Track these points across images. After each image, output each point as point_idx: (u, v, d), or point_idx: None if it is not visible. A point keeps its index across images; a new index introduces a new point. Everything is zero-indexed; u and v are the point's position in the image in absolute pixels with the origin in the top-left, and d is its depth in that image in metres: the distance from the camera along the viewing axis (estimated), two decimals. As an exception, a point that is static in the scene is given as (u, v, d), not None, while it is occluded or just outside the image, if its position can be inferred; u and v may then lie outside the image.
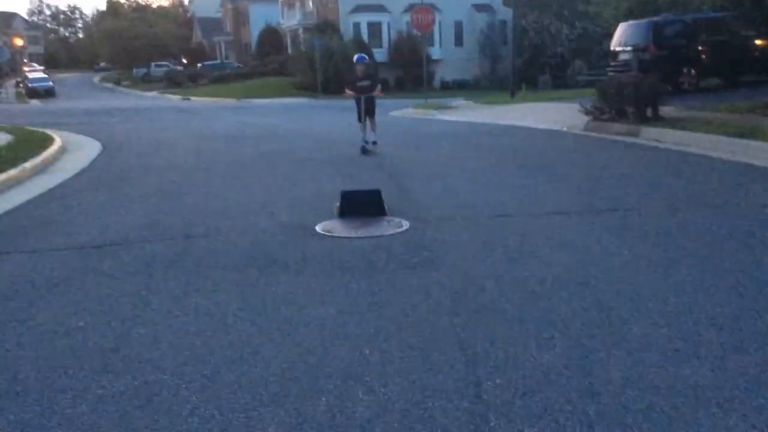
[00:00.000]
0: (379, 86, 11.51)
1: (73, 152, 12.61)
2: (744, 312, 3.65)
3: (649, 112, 12.53)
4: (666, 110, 12.79)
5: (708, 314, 3.63)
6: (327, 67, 39.32)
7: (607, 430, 2.53)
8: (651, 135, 11.38)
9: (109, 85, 67.79)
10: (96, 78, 76.52)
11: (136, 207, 7.27)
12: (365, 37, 46.52)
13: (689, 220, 5.73)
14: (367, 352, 3.31)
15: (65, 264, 5.11)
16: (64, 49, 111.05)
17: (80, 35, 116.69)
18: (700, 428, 2.52)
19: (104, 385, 3.05)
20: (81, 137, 15.56)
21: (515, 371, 3.04)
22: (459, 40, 50.39)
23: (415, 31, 34.68)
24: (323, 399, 2.85)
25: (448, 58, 48.23)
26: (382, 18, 47.91)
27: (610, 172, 8.46)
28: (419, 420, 2.66)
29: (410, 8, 39.42)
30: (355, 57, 11.49)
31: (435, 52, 46.35)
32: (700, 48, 17.58)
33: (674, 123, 11.67)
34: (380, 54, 45.69)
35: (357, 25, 47.41)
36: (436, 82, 45.39)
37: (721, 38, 17.66)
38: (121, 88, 62.94)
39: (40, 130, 15.77)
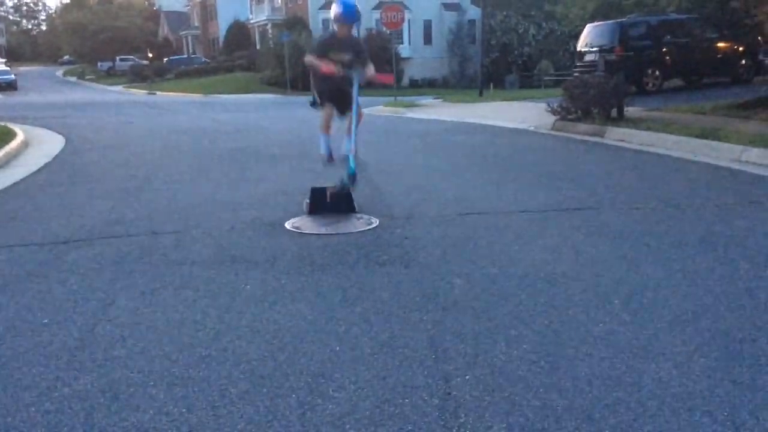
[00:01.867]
0: (370, 66, 6.09)
1: (35, 147, 12.36)
2: (707, 309, 3.73)
3: (614, 112, 12.73)
4: (631, 110, 13.00)
5: (672, 311, 3.71)
6: (296, 63, 39.18)
7: (575, 425, 2.57)
8: (616, 135, 11.55)
9: (73, 78, 66.59)
10: (59, 72, 75.12)
11: (101, 203, 7.15)
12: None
13: (653, 219, 5.83)
14: (338, 348, 3.31)
15: (29, 260, 5.01)
16: (27, 41, 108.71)
17: (43, 27, 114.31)
18: (665, 423, 2.58)
19: (69, 382, 3.00)
20: (44, 131, 15.28)
21: (484, 367, 3.06)
22: (428, 39, 50.60)
23: (384, 29, 34.70)
24: (293, 396, 2.84)
25: (417, 56, 48.39)
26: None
27: (576, 172, 8.57)
28: (390, 417, 2.66)
29: (380, 6, 39.48)
30: (337, 6, 5.75)
31: (404, 50, 46.47)
32: (664, 50, 17.90)
33: (638, 123, 11.86)
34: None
35: (326, 22, 47.28)
36: (405, 81, 45.51)
37: (684, 40, 18.02)
38: (85, 82, 61.89)
39: (1, 123, 15.42)
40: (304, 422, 2.64)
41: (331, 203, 6.22)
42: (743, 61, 18.25)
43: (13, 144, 11.50)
